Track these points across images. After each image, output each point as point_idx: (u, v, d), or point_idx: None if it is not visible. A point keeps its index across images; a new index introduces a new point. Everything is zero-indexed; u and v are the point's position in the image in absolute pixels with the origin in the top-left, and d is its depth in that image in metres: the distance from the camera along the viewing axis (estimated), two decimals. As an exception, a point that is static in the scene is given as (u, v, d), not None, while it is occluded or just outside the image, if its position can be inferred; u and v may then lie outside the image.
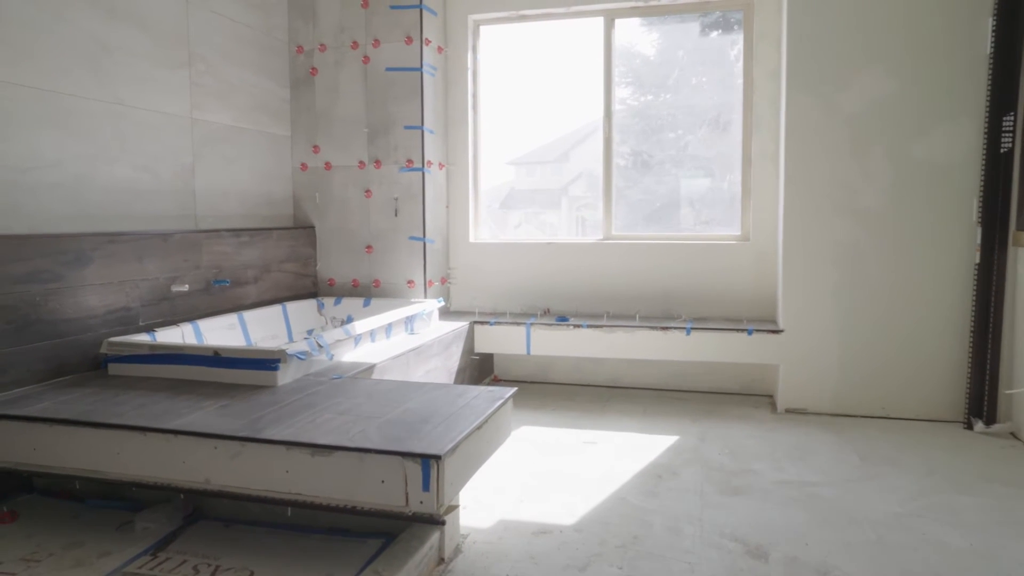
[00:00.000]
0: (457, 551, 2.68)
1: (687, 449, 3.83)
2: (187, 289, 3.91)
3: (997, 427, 4.05)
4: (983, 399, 4.09)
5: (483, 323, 4.97)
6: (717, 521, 2.93)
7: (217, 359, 3.18)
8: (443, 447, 2.29)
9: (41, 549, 2.58)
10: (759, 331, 4.53)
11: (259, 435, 2.44)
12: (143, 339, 3.41)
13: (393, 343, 4.15)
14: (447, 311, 5.39)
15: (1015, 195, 3.97)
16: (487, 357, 5.31)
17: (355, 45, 5.01)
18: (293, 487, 2.38)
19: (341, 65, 5.06)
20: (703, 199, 5.28)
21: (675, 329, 4.65)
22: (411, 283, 5.04)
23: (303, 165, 5.17)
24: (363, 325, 3.89)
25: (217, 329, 3.98)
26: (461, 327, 4.79)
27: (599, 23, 5.16)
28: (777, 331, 4.52)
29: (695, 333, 4.61)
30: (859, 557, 2.62)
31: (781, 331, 4.51)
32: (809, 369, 4.48)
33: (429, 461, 2.24)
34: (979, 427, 4.07)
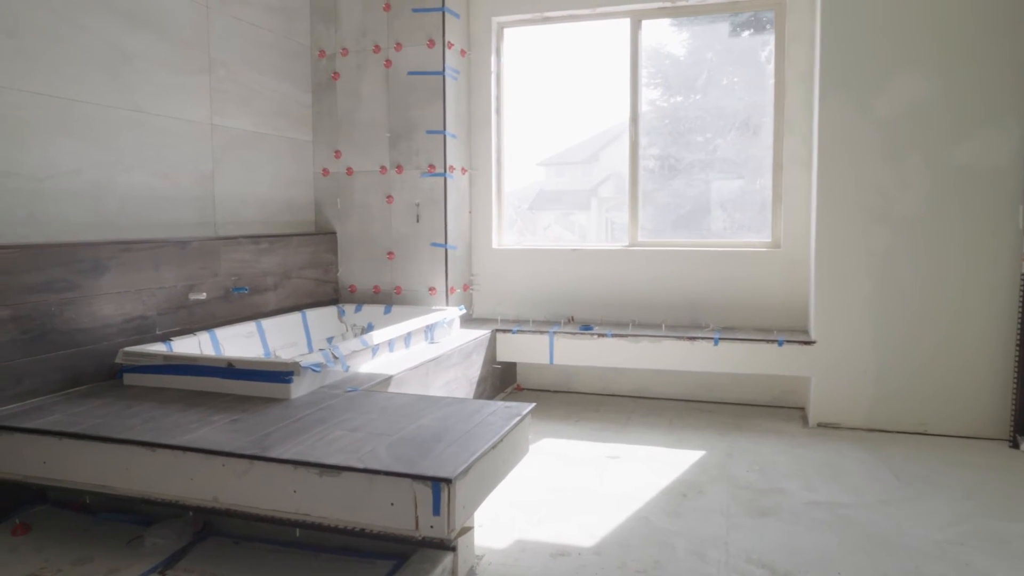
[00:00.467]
0: (471, 574, 2.59)
1: (714, 465, 3.70)
2: (204, 297, 3.88)
3: (1043, 446, 3.86)
4: (1028, 416, 3.89)
5: (505, 331, 4.88)
6: (743, 545, 2.80)
7: (231, 371, 3.13)
8: (455, 469, 2.20)
9: (50, 565, 2.54)
10: (790, 342, 4.37)
11: (267, 453, 2.37)
12: (158, 349, 3.38)
13: (412, 352, 4.07)
14: (469, 318, 5.31)
15: (1064, 202, 3.78)
16: (510, 366, 5.22)
17: (377, 49, 4.95)
18: (301, 507, 2.32)
19: (363, 69, 5.00)
20: (732, 203, 5.13)
21: (702, 339, 4.51)
22: (432, 290, 4.97)
23: (324, 170, 5.13)
24: (381, 335, 3.82)
25: (234, 337, 3.94)
26: (482, 336, 4.70)
27: (625, 24, 5.04)
28: (809, 342, 4.35)
29: (723, 343, 4.46)
30: (895, 589, 2.48)
31: (813, 342, 4.34)
32: (842, 382, 4.31)
33: (440, 484, 2.15)
34: (1024, 445, 3.88)
